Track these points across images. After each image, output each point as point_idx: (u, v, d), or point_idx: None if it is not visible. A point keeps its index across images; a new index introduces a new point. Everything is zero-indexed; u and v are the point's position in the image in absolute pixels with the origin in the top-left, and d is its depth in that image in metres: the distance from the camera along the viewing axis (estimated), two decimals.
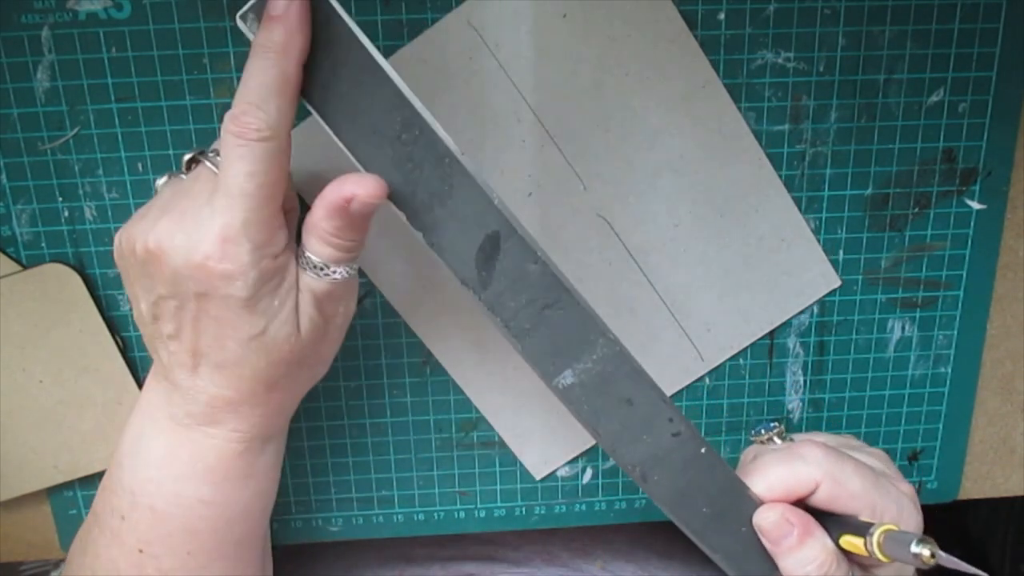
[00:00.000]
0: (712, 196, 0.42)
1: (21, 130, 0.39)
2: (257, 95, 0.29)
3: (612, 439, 0.33)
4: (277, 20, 0.29)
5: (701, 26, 0.39)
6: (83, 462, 0.43)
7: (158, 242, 0.30)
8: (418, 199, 0.31)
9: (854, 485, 0.33)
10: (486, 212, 0.31)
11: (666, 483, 0.34)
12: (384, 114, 0.30)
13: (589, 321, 0.32)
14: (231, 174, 0.29)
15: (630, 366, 0.33)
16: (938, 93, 0.41)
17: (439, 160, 0.31)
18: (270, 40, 0.29)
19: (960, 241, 0.43)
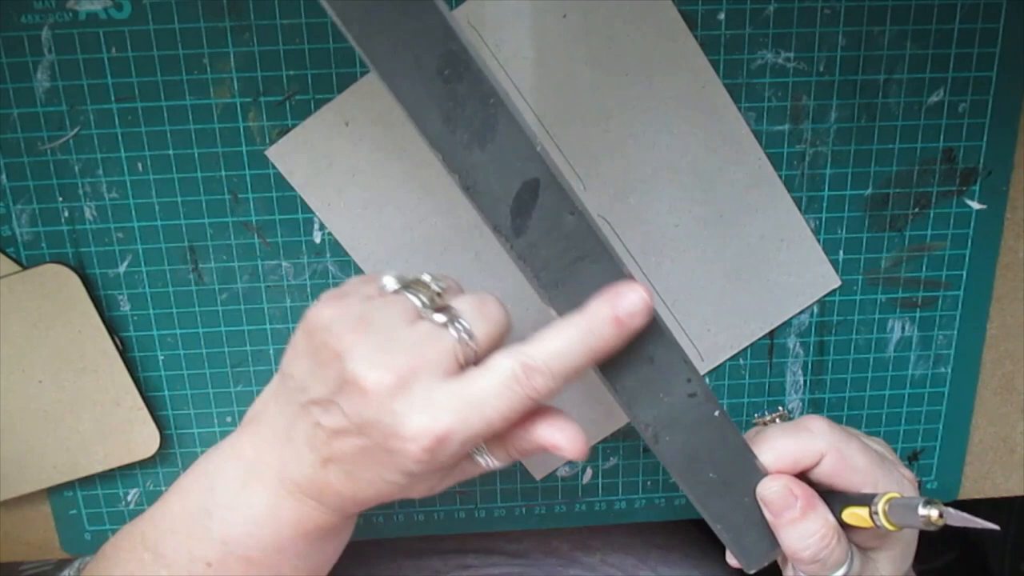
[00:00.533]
0: (712, 196, 0.42)
1: (21, 130, 0.39)
2: (560, 366, 0.30)
3: (629, 396, 0.33)
4: (620, 323, 0.30)
5: (701, 26, 0.39)
6: (82, 462, 0.43)
7: (374, 386, 0.29)
8: (457, 139, 0.29)
9: (858, 460, 0.33)
10: (527, 157, 0.30)
11: (677, 444, 0.33)
12: (428, 46, 0.28)
13: (620, 276, 0.31)
14: (489, 401, 0.29)
15: (656, 324, 0.32)
16: (938, 93, 0.41)
17: (483, 100, 0.29)
18: (602, 331, 0.30)
19: (960, 241, 0.43)
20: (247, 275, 0.41)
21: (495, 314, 0.32)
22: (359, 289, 0.32)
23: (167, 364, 0.42)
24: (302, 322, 0.32)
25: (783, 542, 0.33)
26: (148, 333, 0.42)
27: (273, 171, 0.40)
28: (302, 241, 0.41)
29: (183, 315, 0.42)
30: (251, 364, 0.43)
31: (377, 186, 0.40)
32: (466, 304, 0.32)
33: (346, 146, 0.40)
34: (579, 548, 0.53)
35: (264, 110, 0.39)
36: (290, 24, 0.38)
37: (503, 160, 0.30)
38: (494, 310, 0.32)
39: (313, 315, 0.31)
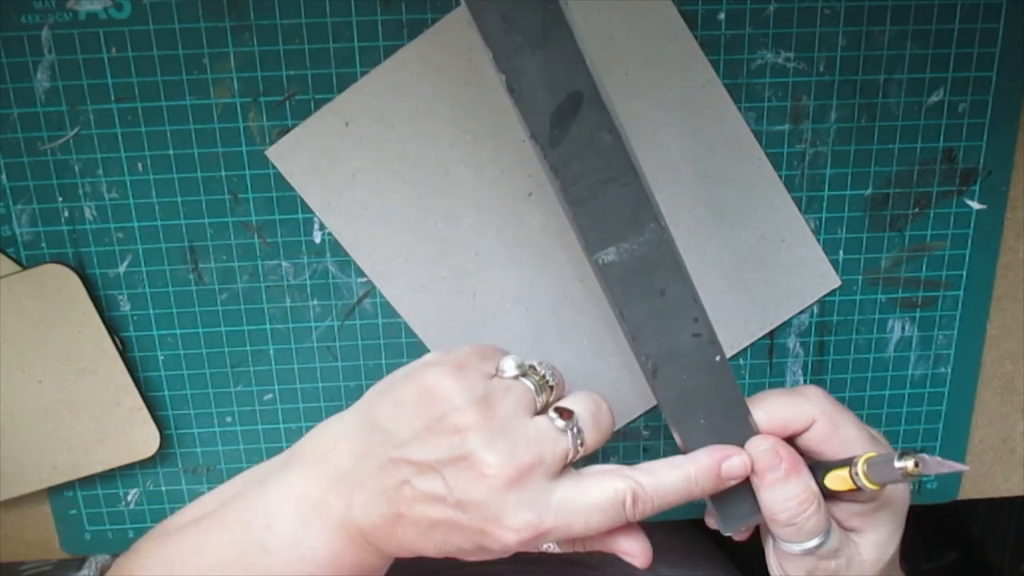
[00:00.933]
0: (712, 196, 0.42)
1: (21, 130, 0.39)
2: (662, 502, 0.32)
3: (635, 326, 0.33)
4: (721, 482, 0.33)
5: (701, 26, 0.39)
6: (82, 462, 0.43)
7: (494, 473, 0.31)
8: (510, 40, 0.29)
9: (849, 431, 0.33)
10: (576, 70, 0.30)
11: (673, 382, 0.34)
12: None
13: (645, 203, 0.32)
14: (593, 514, 0.32)
15: (672, 258, 0.32)
16: (938, 93, 0.41)
17: (543, 4, 0.29)
18: (704, 483, 0.33)
19: (960, 241, 0.43)
20: (247, 275, 0.41)
21: (606, 424, 0.34)
22: (478, 365, 0.34)
23: (167, 364, 0.42)
24: (415, 382, 0.33)
25: (763, 503, 0.33)
26: (148, 333, 0.42)
27: (273, 171, 0.40)
28: (302, 241, 0.41)
29: (183, 315, 0.42)
30: (251, 364, 0.43)
31: (377, 186, 0.40)
32: (584, 410, 0.33)
33: (346, 146, 0.40)
34: None
35: (264, 110, 0.39)
36: (290, 24, 0.38)
37: (552, 68, 0.30)
38: (606, 420, 0.34)
39: (433, 380, 0.32)
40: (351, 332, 0.43)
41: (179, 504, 0.45)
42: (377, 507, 0.32)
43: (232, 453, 0.44)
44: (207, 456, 0.44)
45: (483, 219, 0.41)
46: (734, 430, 0.34)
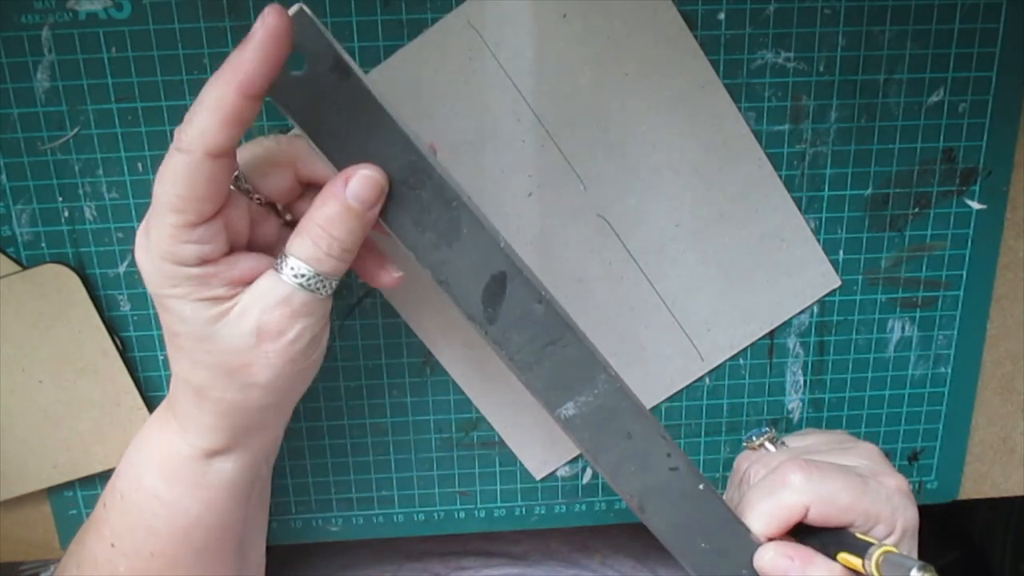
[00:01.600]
0: (712, 196, 0.42)
1: (21, 130, 0.39)
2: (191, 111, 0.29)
3: (611, 469, 0.35)
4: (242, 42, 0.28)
5: (701, 26, 0.39)
6: (82, 462, 0.43)
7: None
8: (427, 239, 0.32)
9: (842, 500, 0.33)
10: (492, 254, 0.32)
11: (663, 515, 0.35)
12: (392, 160, 0.31)
13: (590, 358, 0.34)
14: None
15: (630, 402, 0.34)
16: (938, 93, 0.41)
17: (447, 204, 0.32)
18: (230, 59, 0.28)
19: (960, 241, 0.43)
20: None
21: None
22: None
23: (167, 364, 0.42)
24: None
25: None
26: (148, 333, 0.42)
27: None
28: None
29: None
30: None
31: None
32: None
33: None
34: (578, 550, 0.53)
35: (263, 110, 0.39)
36: None
37: (470, 256, 0.33)
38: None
39: None
40: (351, 332, 0.43)
41: None
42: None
43: None
44: None
45: None
46: (737, 547, 0.34)
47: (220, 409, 0.32)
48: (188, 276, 0.29)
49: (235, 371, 0.31)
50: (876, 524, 0.33)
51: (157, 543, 0.34)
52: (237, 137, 0.28)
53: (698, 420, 0.45)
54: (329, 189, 0.30)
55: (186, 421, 0.33)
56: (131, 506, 0.34)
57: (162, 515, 0.34)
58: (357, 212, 0.30)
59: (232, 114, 0.28)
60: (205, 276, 0.30)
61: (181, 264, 0.29)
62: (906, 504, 0.34)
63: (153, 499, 0.34)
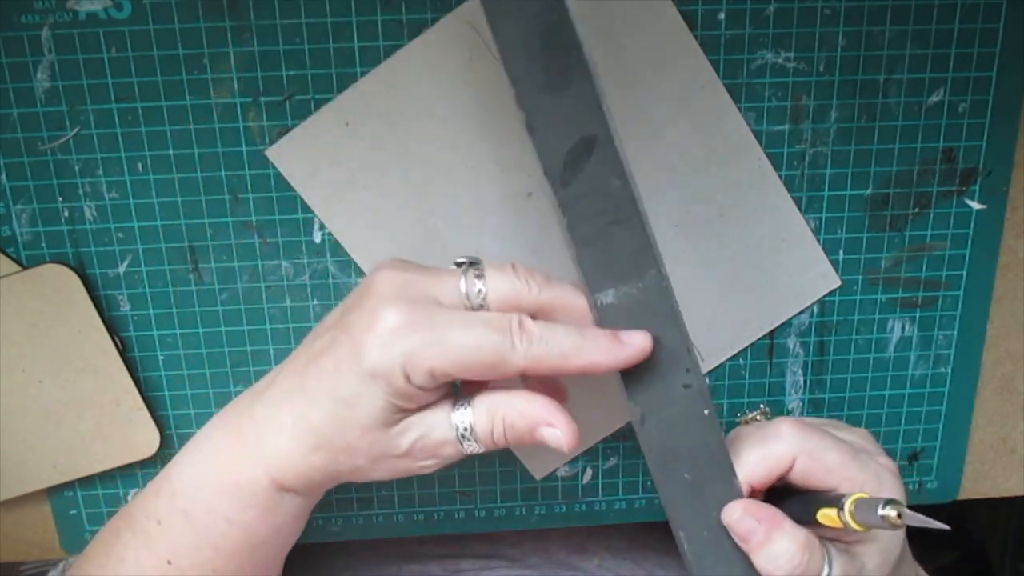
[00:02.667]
0: (712, 196, 0.42)
1: (21, 130, 0.39)
2: (546, 348, 0.31)
3: (627, 372, 0.33)
4: (610, 358, 0.31)
5: (701, 26, 0.39)
6: (82, 462, 0.43)
7: (380, 318, 0.31)
8: (533, 80, 0.31)
9: (830, 459, 0.33)
10: (592, 115, 0.31)
11: (660, 432, 0.34)
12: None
13: (648, 250, 0.32)
14: (457, 332, 0.31)
15: (669, 305, 0.33)
16: (938, 93, 0.41)
17: (567, 49, 0.31)
18: (592, 355, 0.31)
19: (960, 241, 0.43)
20: (247, 275, 0.41)
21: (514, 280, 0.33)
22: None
23: (167, 364, 0.42)
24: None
25: (756, 564, 0.33)
26: (148, 333, 0.42)
27: (273, 171, 0.40)
28: (302, 241, 0.41)
29: (183, 315, 0.42)
30: (251, 364, 0.43)
31: (377, 186, 0.40)
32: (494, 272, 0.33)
33: (346, 146, 0.40)
34: (577, 552, 0.53)
35: (264, 110, 0.39)
36: (290, 24, 0.38)
37: (570, 110, 0.31)
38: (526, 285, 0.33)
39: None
40: None
41: None
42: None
43: None
44: None
45: (483, 219, 0.41)
46: (718, 488, 0.34)
47: (322, 467, 0.33)
48: (404, 392, 0.31)
49: (363, 462, 0.32)
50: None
51: (220, 560, 0.34)
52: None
53: None
54: (534, 411, 0.32)
55: (276, 454, 0.33)
56: (198, 526, 0.34)
57: (231, 536, 0.34)
58: (533, 442, 0.32)
59: (571, 365, 0.31)
60: (415, 397, 0.31)
61: (409, 381, 0.30)
62: (893, 483, 0.34)
63: (223, 521, 0.34)
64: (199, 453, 0.35)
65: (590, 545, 0.53)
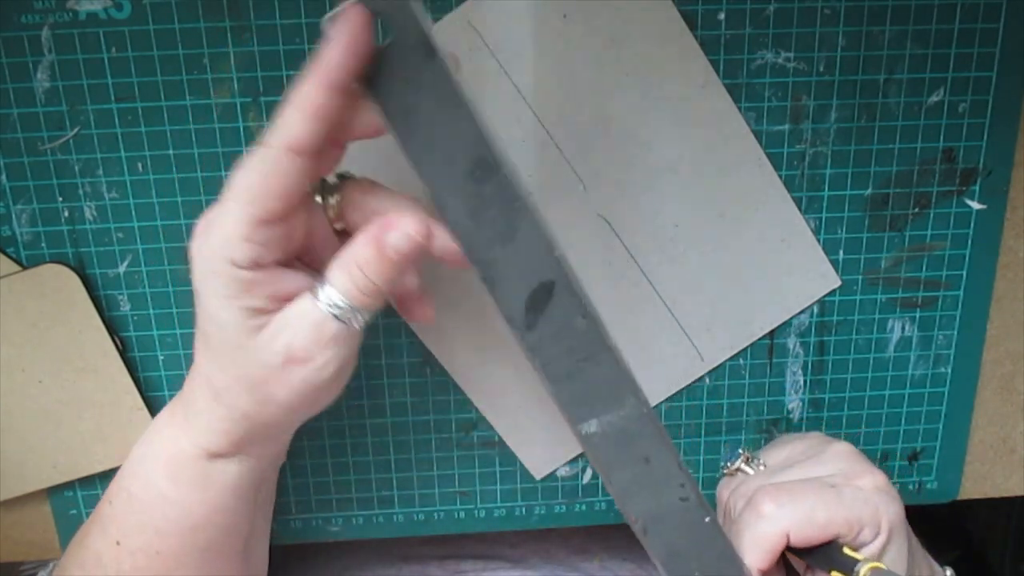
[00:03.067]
0: (712, 196, 0.42)
1: (21, 130, 0.39)
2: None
3: (622, 490, 0.34)
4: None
5: (701, 26, 0.39)
6: (82, 462, 0.43)
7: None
8: (481, 236, 0.31)
9: (819, 517, 0.34)
10: (545, 261, 0.32)
11: (664, 541, 0.35)
12: (461, 149, 0.30)
13: (624, 380, 0.33)
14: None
15: (654, 427, 0.33)
16: (938, 93, 0.41)
17: (509, 203, 0.31)
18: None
19: (960, 241, 0.43)
20: None
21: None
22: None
23: (167, 364, 0.42)
24: None
25: None
26: (148, 333, 0.42)
27: None
28: None
29: (183, 315, 0.42)
30: None
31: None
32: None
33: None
34: (577, 553, 0.53)
35: (264, 110, 0.39)
36: (290, 24, 0.38)
37: (522, 259, 0.31)
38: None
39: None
40: None
41: None
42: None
43: None
44: None
45: None
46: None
47: (232, 415, 0.32)
48: (236, 278, 0.29)
49: (256, 385, 0.31)
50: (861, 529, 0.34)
51: (163, 542, 0.34)
52: (319, 134, 0.28)
53: (698, 420, 0.45)
54: (372, 231, 0.30)
55: (195, 418, 0.33)
56: (138, 504, 0.34)
57: (169, 514, 0.34)
58: (393, 262, 0.30)
59: (317, 109, 0.28)
60: (252, 283, 0.30)
61: (233, 264, 0.29)
62: (887, 501, 0.34)
63: (160, 497, 0.34)
64: (149, 430, 0.35)
65: (591, 546, 0.53)
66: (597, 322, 0.32)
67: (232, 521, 0.35)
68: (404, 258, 0.30)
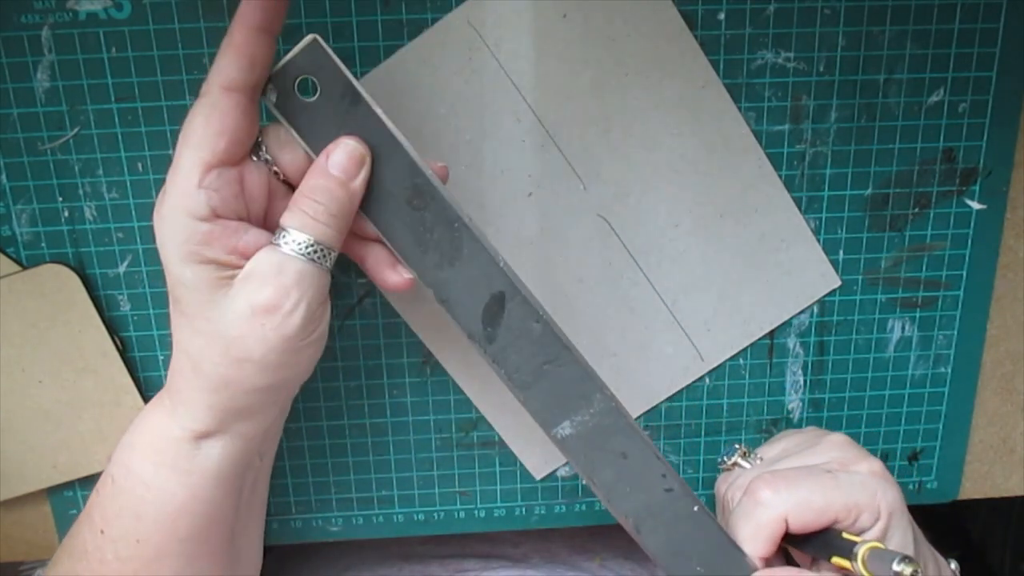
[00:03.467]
0: (712, 196, 0.42)
1: (21, 130, 0.39)
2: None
3: (607, 489, 0.35)
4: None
5: (701, 26, 0.39)
6: (82, 462, 0.43)
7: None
8: (429, 259, 0.33)
9: (816, 502, 0.34)
10: (492, 273, 0.33)
11: (658, 537, 0.35)
12: (397, 181, 0.33)
13: (587, 377, 0.34)
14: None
15: (625, 421, 0.34)
16: (938, 93, 0.41)
17: (449, 224, 0.33)
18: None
19: (960, 241, 0.43)
20: None
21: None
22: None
23: (167, 364, 0.42)
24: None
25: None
26: (148, 333, 0.42)
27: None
28: None
29: None
30: None
31: None
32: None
33: None
34: (578, 552, 0.53)
35: (264, 110, 0.39)
36: (290, 24, 0.38)
37: (470, 276, 0.34)
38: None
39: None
40: (351, 332, 0.43)
41: None
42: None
43: None
44: None
45: (483, 219, 0.41)
46: (733, 571, 0.35)
47: (212, 384, 0.32)
48: (195, 231, 0.30)
49: (231, 343, 0.31)
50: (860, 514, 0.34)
51: (143, 529, 0.34)
52: (251, 73, 0.30)
53: (698, 420, 0.45)
54: (314, 164, 0.32)
55: (178, 396, 0.33)
56: (120, 491, 0.34)
57: (148, 500, 0.34)
58: (339, 180, 0.31)
59: (242, 48, 0.30)
60: (212, 235, 0.30)
61: (191, 216, 0.30)
62: (884, 486, 0.34)
63: (140, 483, 0.34)
64: (136, 419, 0.35)
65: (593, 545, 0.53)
66: (551, 324, 0.34)
67: (214, 511, 0.35)
68: (349, 176, 0.32)
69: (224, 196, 0.31)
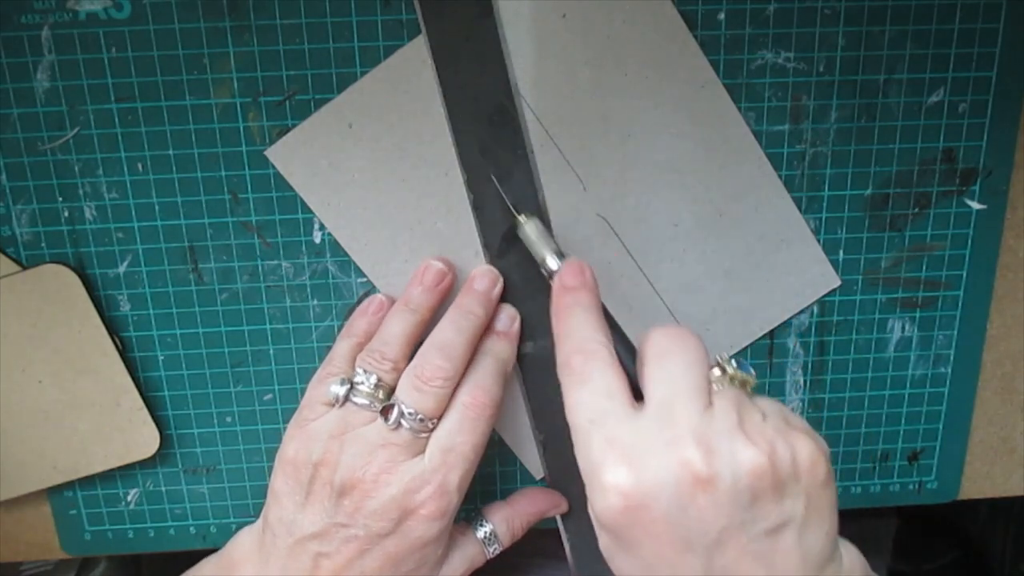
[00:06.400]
0: (712, 196, 0.42)
1: (21, 130, 0.39)
2: (490, 381, 0.37)
3: (536, 408, 0.41)
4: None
5: (701, 26, 0.39)
6: (82, 462, 0.43)
7: (374, 480, 0.35)
8: (483, 170, 0.38)
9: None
10: (533, 204, 0.38)
11: (560, 458, 0.42)
12: (490, 95, 0.37)
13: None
14: (459, 440, 0.36)
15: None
16: (938, 93, 0.41)
17: (513, 150, 0.38)
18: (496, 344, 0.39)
19: (960, 241, 0.43)
20: (247, 275, 0.41)
21: (434, 377, 0.36)
22: (314, 406, 0.37)
23: (167, 364, 0.42)
24: (276, 467, 0.37)
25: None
26: (148, 333, 0.42)
27: (273, 171, 0.40)
28: (302, 241, 0.41)
29: (183, 315, 0.42)
30: (251, 364, 0.43)
31: (377, 186, 0.40)
32: (404, 390, 0.36)
33: (346, 146, 0.40)
34: None
35: (264, 110, 0.39)
36: (290, 24, 0.38)
37: (511, 199, 0.38)
38: (431, 372, 0.36)
39: (288, 454, 0.37)
40: None
41: (179, 504, 0.45)
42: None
43: (232, 453, 0.44)
44: (207, 456, 0.44)
45: None
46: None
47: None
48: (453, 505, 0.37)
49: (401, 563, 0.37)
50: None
51: None
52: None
53: None
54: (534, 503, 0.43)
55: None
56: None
57: None
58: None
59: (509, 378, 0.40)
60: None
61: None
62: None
63: None
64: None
65: None
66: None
67: None
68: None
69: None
